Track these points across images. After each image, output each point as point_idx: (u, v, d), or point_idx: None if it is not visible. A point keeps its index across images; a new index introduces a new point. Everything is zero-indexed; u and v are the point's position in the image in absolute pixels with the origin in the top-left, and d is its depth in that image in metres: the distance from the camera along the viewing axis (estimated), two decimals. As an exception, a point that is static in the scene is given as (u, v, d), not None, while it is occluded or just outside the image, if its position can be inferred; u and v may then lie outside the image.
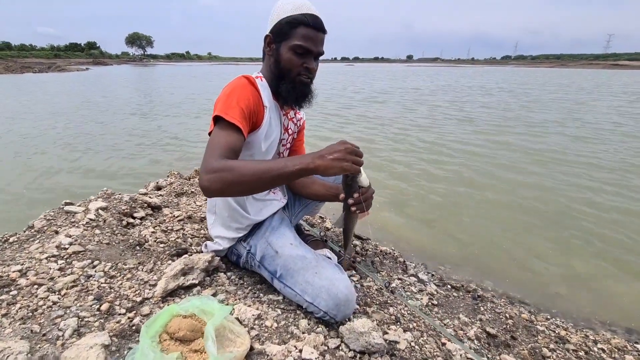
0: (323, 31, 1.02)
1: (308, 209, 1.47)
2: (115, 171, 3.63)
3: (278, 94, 1.09)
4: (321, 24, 1.01)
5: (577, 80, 23.71)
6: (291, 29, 0.99)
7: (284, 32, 1.00)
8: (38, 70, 28.18)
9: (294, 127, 1.25)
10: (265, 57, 1.09)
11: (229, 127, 0.92)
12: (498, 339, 1.17)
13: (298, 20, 0.98)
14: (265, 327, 0.96)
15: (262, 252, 1.13)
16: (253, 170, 0.83)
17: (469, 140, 5.13)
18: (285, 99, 1.08)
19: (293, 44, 0.99)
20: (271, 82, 1.08)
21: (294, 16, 0.98)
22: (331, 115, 7.41)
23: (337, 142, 0.86)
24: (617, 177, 3.47)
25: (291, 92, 1.05)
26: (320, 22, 1.01)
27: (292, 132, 1.26)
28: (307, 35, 0.99)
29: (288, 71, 1.03)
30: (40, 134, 5.26)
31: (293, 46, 0.99)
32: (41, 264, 1.07)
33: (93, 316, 0.90)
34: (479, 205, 2.79)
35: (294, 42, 0.99)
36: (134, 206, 1.63)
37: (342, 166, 0.83)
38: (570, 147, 4.68)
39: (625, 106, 9.16)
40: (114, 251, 1.23)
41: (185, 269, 1.12)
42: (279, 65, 1.03)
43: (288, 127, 1.22)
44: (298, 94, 1.06)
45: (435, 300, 1.35)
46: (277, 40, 1.02)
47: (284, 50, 1.01)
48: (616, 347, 1.27)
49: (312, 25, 0.99)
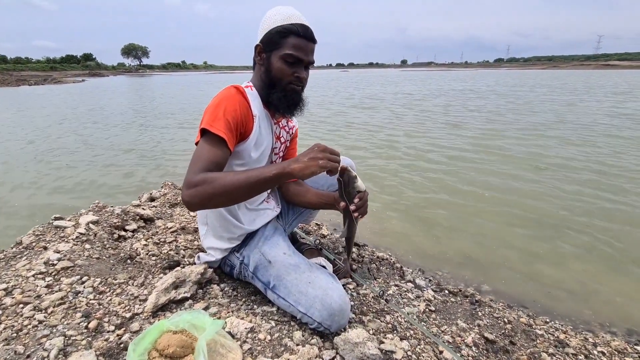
0: (313, 41, 1.03)
1: (302, 217, 1.45)
2: (109, 183, 3.61)
3: (269, 102, 1.08)
4: (311, 34, 1.02)
5: (571, 81, 23.99)
6: (282, 39, 1.00)
7: (275, 42, 1.01)
8: (34, 83, 28.15)
9: (286, 135, 1.25)
10: (255, 66, 1.09)
11: (214, 139, 0.93)
12: (497, 345, 1.16)
13: (288, 29, 0.99)
14: (258, 340, 0.93)
15: (256, 263, 1.11)
16: (232, 181, 0.84)
17: (463, 145, 5.15)
18: (277, 107, 1.08)
19: (284, 53, 1.00)
20: (262, 90, 1.08)
21: (285, 26, 0.99)
22: (322, 122, 7.43)
23: (311, 146, 0.88)
24: (611, 181, 3.49)
25: (282, 100, 1.05)
26: (310, 32, 1.02)
27: (285, 140, 1.25)
28: (298, 45, 1.00)
29: (279, 80, 1.03)
30: (39, 146, 5.23)
31: (284, 55, 1.00)
32: (28, 282, 1.05)
33: (80, 334, 0.88)
34: (475, 210, 2.78)
35: (284, 52, 1.00)
36: (125, 219, 1.61)
37: (318, 164, 0.83)
38: (567, 151, 4.70)
39: (618, 106, 9.25)
40: (104, 266, 1.20)
41: (177, 282, 1.10)
42: (270, 74, 1.04)
43: (280, 136, 1.21)
44: (289, 102, 1.06)
45: (432, 307, 1.33)
46: (267, 49, 1.03)
47: (275, 60, 1.02)
48: (616, 350, 1.25)
49: (303, 35, 1.00)
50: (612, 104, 9.57)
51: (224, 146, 0.93)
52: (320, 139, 5.67)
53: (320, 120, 7.51)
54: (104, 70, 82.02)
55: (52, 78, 34.20)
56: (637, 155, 4.25)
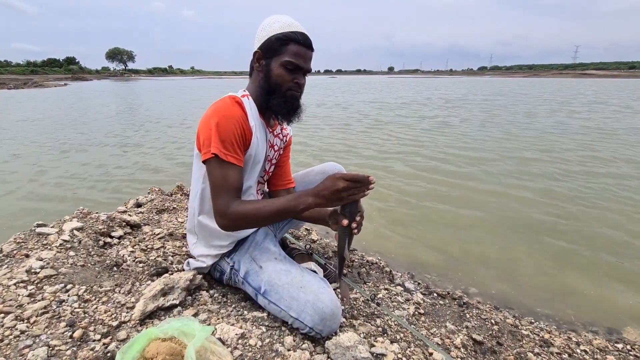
0: (312, 49, 1.05)
1: (292, 223, 1.45)
2: (96, 187, 3.52)
3: (267, 108, 1.09)
4: (310, 42, 1.04)
5: (552, 88, 24.80)
6: (282, 46, 1.01)
7: (275, 49, 1.02)
8: (13, 87, 27.31)
9: (279, 143, 1.25)
10: (253, 73, 1.09)
11: (229, 164, 0.98)
12: (484, 346, 1.18)
13: (289, 37, 1.01)
14: (249, 346, 0.93)
15: (246, 268, 1.10)
16: (265, 215, 0.96)
17: (452, 149, 5.26)
18: (276, 113, 1.09)
19: (284, 60, 1.01)
20: (259, 97, 1.08)
21: (285, 33, 1.01)
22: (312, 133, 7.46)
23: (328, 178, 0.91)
24: (596, 183, 3.61)
25: (282, 106, 1.06)
26: (309, 40, 1.04)
27: (278, 148, 1.25)
28: (298, 52, 1.01)
29: (279, 86, 1.04)
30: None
31: (284, 62, 1.01)
32: (9, 291, 1.01)
33: (65, 344, 0.85)
34: (461, 214, 2.84)
35: (285, 59, 1.01)
36: (111, 225, 1.58)
37: (341, 200, 0.90)
38: (555, 156, 4.85)
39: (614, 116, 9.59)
40: (89, 273, 1.17)
41: (166, 288, 1.08)
42: (270, 80, 1.04)
43: (274, 144, 1.21)
44: (289, 108, 1.07)
45: (421, 309, 1.35)
46: (267, 56, 1.04)
47: (275, 66, 1.03)
48: (598, 348, 1.29)
49: (303, 42, 1.02)
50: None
51: (238, 167, 1.00)
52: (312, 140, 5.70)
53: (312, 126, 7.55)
54: (87, 74, 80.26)
55: (33, 82, 33.25)
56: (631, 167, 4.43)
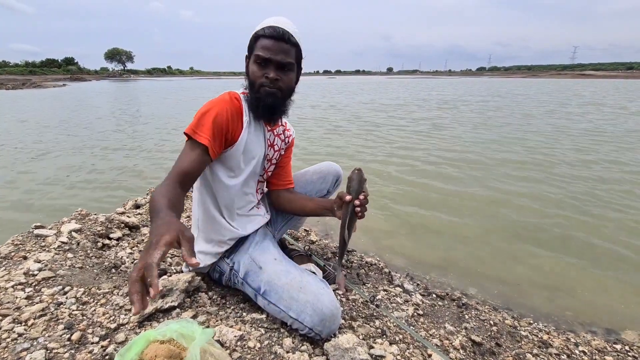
0: (284, 40, 1.01)
1: (291, 223, 1.45)
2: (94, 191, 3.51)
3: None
4: (279, 33, 1.01)
5: (549, 89, 24.88)
6: (254, 43, 1.04)
7: (250, 47, 1.05)
8: (11, 87, 27.24)
9: (280, 143, 1.24)
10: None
11: (195, 146, 0.96)
12: (483, 347, 1.18)
13: (258, 33, 1.03)
14: (248, 348, 0.92)
15: (246, 268, 1.10)
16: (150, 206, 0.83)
17: (450, 152, 5.26)
18: (254, 110, 1.09)
19: (254, 55, 1.03)
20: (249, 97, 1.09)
21: (257, 31, 1.03)
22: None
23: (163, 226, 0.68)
24: (591, 186, 3.62)
25: (255, 103, 1.06)
26: (278, 32, 1.01)
27: (279, 148, 1.25)
28: (265, 45, 1.01)
29: (253, 83, 1.05)
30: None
31: (254, 57, 1.03)
32: (6, 293, 1.01)
33: (63, 347, 0.85)
34: (460, 215, 2.84)
35: (254, 53, 1.03)
36: (110, 227, 1.57)
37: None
38: (553, 158, 4.86)
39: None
40: (87, 275, 1.17)
41: (164, 290, 1.08)
42: (249, 79, 1.07)
43: (274, 143, 1.21)
44: (262, 105, 1.06)
45: (420, 311, 1.35)
46: (247, 56, 1.08)
47: (250, 64, 1.05)
48: (597, 349, 1.30)
49: (269, 35, 1.01)
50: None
51: (203, 154, 0.96)
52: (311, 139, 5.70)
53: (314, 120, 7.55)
54: (86, 74, 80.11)
55: (31, 82, 33.19)
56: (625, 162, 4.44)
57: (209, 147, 0.96)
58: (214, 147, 0.98)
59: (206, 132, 0.96)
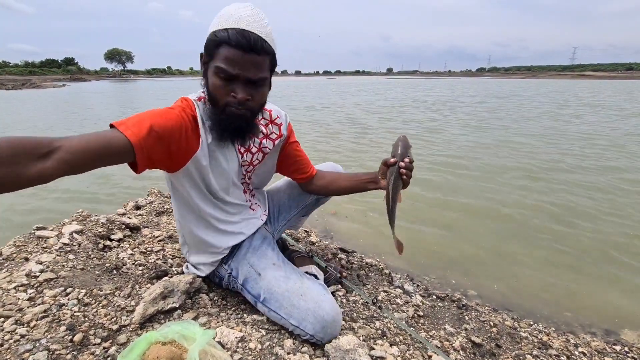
0: (254, 51, 0.80)
1: (291, 222, 1.43)
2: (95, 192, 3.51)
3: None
4: (250, 42, 0.79)
5: (548, 90, 24.89)
6: (215, 48, 0.81)
7: (209, 50, 0.83)
8: (11, 87, 27.26)
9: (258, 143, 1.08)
10: None
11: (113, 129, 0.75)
12: (483, 348, 1.18)
13: (220, 38, 0.80)
14: (249, 349, 0.93)
15: (245, 275, 1.09)
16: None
17: (449, 151, 5.27)
18: (218, 132, 0.91)
19: (215, 66, 0.82)
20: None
21: (218, 32, 0.80)
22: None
23: None
24: (593, 187, 3.63)
25: (221, 124, 0.88)
26: (248, 40, 0.79)
27: (259, 148, 1.09)
28: (231, 57, 0.80)
29: (215, 99, 0.86)
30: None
31: (215, 69, 0.82)
32: (9, 295, 1.01)
33: (65, 348, 0.85)
34: (459, 216, 2.85)
35: (215, 64, 0.82)
36: (111, 228, 1.58)
37: None
38: (551, 160, 4.87)
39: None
40: (89, 277, 1.17)
41: (165, 292, 1.08)
42: (208, 89, 0.87)
43: (250, 147, 1.06)
44: (231, 128, 0.89)
45: (421, 312, 1.36)
46: (204, 59, 0.86)
47: (210, 73, 0.84)
48: (596, 350, 1.30)
49: (235, 43, 0.79)
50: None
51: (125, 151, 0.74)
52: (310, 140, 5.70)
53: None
54: (86, 75, 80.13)
55: (31, 82, 33.21)
56: (617, 158, 4.45)
57: (137, 148, 0.74)
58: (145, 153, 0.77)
59: (139, 131, 0.75)
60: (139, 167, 0.79)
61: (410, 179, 0.99)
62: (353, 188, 1.20)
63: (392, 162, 0.98)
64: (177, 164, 0.90)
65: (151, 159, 0.80)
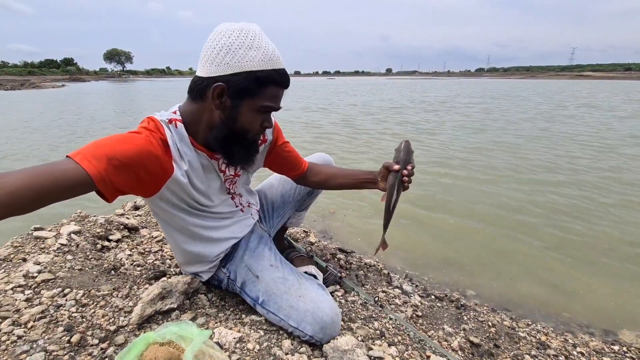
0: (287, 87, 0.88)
1: (285, 218, 1.41)
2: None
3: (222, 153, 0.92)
4: (288, 81, 0.86)
5: (547, 90, 24.92)
6: (260, 87, 0.81)
7: (251, 89, 0.80)
8: (10, 88, 27.23)
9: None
10: (201, 101, 0.84)
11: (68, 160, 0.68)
12: (482, 348, 1.18)
13: (271, 78, 0.81)
14: (247, 350, 0.93)
15: (243, 278, 1.09)
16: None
17: (446, 151, 5.27)
18: (230, 160, 0.93)
19: (261, 105, 0.83)
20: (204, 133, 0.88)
21: (268, 72, 0.80)
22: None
23: None
24: (588, 188, 3.64)
25: (243, 157, 0.92)
26: (287, 79, 0.86)
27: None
28: (277, 95, 0.85)
29: (245, 132, 0.87)
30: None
31: (260, 107, 0.83)
32: (6, 295, 1.01)
33: (62, 349, 0.85)
34: (458, 214, 2.85)
35: (262, 103, 0.83)
36: (109, 228, 1.58)
37: None
38: (552, 160, 4.88)
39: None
40: (86, 277, 1.17)
41: (164, 292, 1.08)
42: (234, 125, 0.85)
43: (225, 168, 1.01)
44: (250, 156, 0.94)
45: (419, 312, 1.36)
46: (236, 96, 0.81)
47: (246, 110, 0.83)
48: (594, 350, 1.30)
49: (281, 82, 0.84)
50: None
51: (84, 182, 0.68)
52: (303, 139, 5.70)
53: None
54: (85, 75, 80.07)
55: (30, 82, 33.18)
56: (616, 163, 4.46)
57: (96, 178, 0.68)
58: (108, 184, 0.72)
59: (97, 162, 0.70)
60: (108, 198, 0.75)
61: (410, 183, 1.01)
62: (350, 185, 1.20)
63: (395, 169, 0.99)
64: (150, 189, 0.85)
65: (118, 188, 0.75)
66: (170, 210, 0.95)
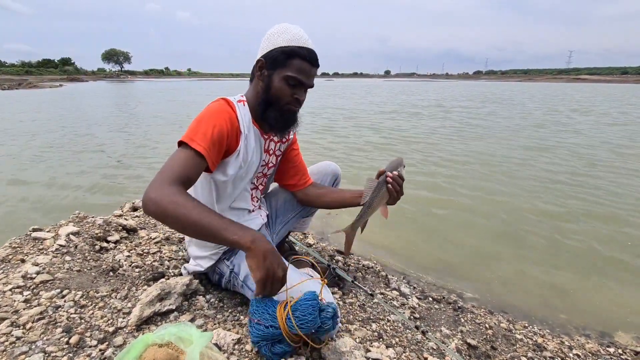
0: (317, 65, 1.04)
1: (288, 225, 1.45)
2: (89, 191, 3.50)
3: (262, 119, 1.08)
4: (316, 59, 1.03)
5: (545, 94, 25.05)
6: (287, 59, 0.99)
7: (279, 61, 1.00)
8: (7, 87, 27.11)
9: (281, 145, 1.23)
10: (253, 80, 1.07)
11: (192, 153, 0.91)
12: (479, 350, 1.19)
13: (295, 52, 0.99)
14: (245, 351, 0.93)
15: (246, 272, 1.10)
16: (193, 220, 0.82)
17: (443, 154, 5.30)
18: (271, 125, 1.07)
19: (287, 75, 1.00)
20: (256, 106, 1.07)
21: (292, 47, 0.99)
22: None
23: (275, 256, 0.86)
24: (585, 191, 3.66)
25: (279, 120, 1.05)
26: (315, 57, 1.02)
27: (274, 151, 1.22)
28: (302, 68, 1.00)
29: (278, 99, 1.03)
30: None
31: (287, 77, 1.00)
32: (4, 296, 1.01)
33: (61, 350, 0.85)
34: (456, 219, 2.86)
35: (288, 73, 1.00)
36: (107, 229, 1.57)
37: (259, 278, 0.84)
38: (548, 162, 4.91)
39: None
40: (85, 278, 1.17)
41: (162, 294, 1.08)
42: (269, 92, 1.03)
43: (269, 149, 1.19)
44: (285, 122, 1.07)
45: (417, 314, 1.36)
46: (270, 67, 1.02)
47: (277, 79, 1.01)
48: (590, 352, 1.31)
49: (309, 59, 1.00)
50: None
51: (202, 161, 0.92)
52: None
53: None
54: (83, 75, 79.81)
55: (27, 82, 33.05)
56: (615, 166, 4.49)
57: (207, 157, 0.92)
58: (212, 158, 0.95)
59: (205, 142, 0.92)
60: (211, 168, 0.97)
61: (398, 194, 1.07)
62: (348, 202, 1.27)
63: (380, 171, 1.07)
64: (223, 158, 1.03)
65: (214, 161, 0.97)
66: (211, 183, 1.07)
